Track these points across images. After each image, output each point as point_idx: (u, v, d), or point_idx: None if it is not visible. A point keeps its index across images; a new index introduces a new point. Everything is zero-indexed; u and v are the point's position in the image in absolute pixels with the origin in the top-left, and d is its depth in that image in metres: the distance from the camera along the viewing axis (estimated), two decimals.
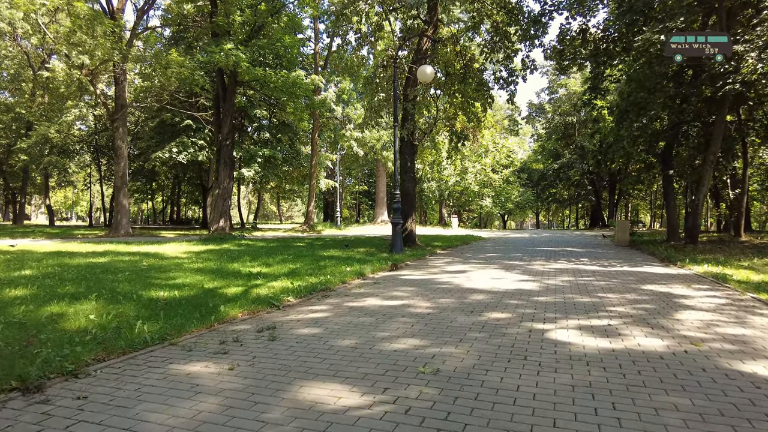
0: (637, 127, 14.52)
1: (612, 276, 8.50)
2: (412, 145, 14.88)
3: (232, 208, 46.94)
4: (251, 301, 5.93)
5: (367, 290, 7.05)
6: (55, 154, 35.91)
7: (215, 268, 9.53)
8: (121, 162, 23.98)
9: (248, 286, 7.21)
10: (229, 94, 19.01)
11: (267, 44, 17.22)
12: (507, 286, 7.23)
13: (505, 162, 46.05)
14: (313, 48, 30.59)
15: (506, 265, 10.21)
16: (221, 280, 7.86)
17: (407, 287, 7.25)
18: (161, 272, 8.79)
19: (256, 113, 28.62)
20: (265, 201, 78.20)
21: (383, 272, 9.29)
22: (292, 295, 6.38)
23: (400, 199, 15.65)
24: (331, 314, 5.36)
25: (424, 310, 5.46)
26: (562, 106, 43.90)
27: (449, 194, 46.57)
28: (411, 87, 14.94)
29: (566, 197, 51.84)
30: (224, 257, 11.66)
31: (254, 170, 28.66)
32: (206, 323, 4.86)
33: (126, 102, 24.11)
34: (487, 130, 23.50)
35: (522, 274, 8.78)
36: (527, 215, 70.98)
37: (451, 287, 7.18)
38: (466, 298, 6.23)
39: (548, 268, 9.82)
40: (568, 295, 6.45)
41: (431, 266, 10.25)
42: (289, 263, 10.27)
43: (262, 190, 38.61)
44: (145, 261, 10.72)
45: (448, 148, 22.61)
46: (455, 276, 8.51)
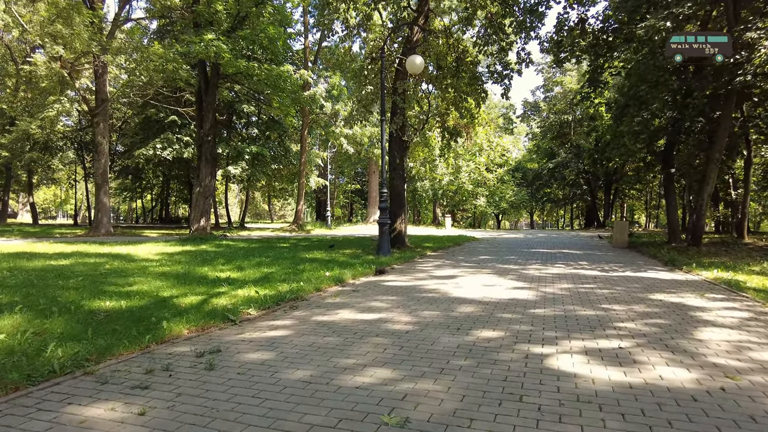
0: (638, 122, 13.81)
1: (615, 283, 7.75)
2: (402, 141, 14.10)
3: (220, 206, 46.09)
4: (205, 314, 5.14)
5: (343, 299, 6.26)
6: (37, 151, 34.88)
7: (182, 272, 8.72)
8: (101, 159, 23.04)
9: (209, 294, 6.42)
10: (211, 87, 18.14)
11: (249, 35, 16.35)
12: (500, 295, 6.47)
13: (500, 161, 45.36)
14: (302, 43, 29.75)
15: (499, 270, 9.45)
16: (182, 286, 7.06)
17: (388, 296, 6.47)
18: (120, 277, 7.98)
19: (244, 109, 27.71)
20: (257, 200, 77.28)
21: (366, 277, 8.51)
22: (254, 307, 5.59)
23: (389, 198, 14.92)
24: (293, 332, 4.57)
25: (402, 327, 4.68)
26: (557, 104, 43.22)
27: (443, 193, 45.82)
28: (401, 80, 14.15)
29: (561, 197, 51.23)
30: (197, 259, 10.85)
31: (241, 168, 27.79)
32: (140, 344, 4.06)
33: (107, 96, 23.17)
34: (481, 127, 22.77)
35: (516, 280, 8.02)
36: (522, 215, 70.51)
37: (438, 296, 6.41)
38: (453, 311, 5.45)
39: (545, 273, 9.07)
40: (569, 307, 5.69)
41: (419, 270, 9.47)
42: (265, 267, 9.47)
43: (251, 189, 37.66)
44: (110, 264, 9.89)
45: (440, 145, 21.91)
46: (443, 282, 7.74)
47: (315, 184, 33.21)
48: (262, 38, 16.64)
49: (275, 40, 17.02)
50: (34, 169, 37.15)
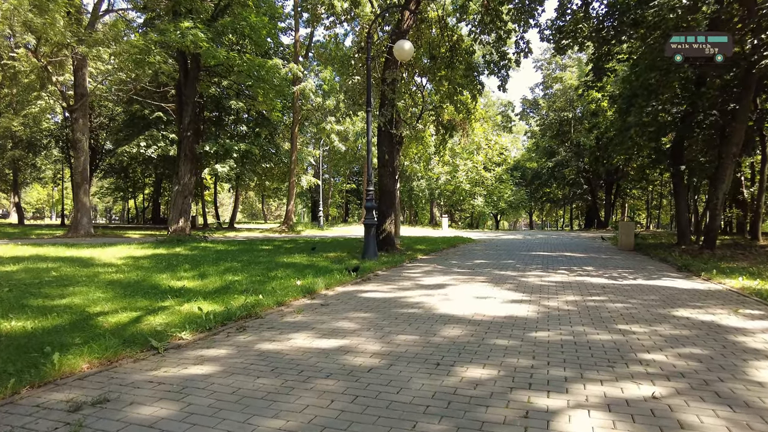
0: (647, 113, 12.76)
1: (628, 293, 6.70)
2: (391, 135, 13.04)
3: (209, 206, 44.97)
4: (124, 339, 4.08)
5: (306, 318, 5.21)
6: (20, 149, 33.79)
7: (135, 280, 7.67)
8: (81, 157, 21.96)
9: (149, 310, 5.38)
10: (190, 80, 17.06)
11: (230, 23, 15.28)
12: (494, 311, 5.41)
13: (498, 159, 44.28)
14: (293, 37, 28.68)
15: (496, 277, 8.39)
16: (123, 299, 6.02)
17: (361, 312, 5.41)
18: (59, 287, 6.92)
19: (232, 105, 26.61)
20: (252, 200, 76.21)
21: (343, 286, 7.45)
22: (191, 329, 4.54)
23: (379, 197, 13.88)
24: (221, 368, 3.51)
25: (366, 361, 3.63)
26: (557, 101, 42.19)
27: (440, 193, 44.76)
28: (390, 69, 13.09)
29: (560, 197, 50.20)
30: (161, 265, 9.79)
31: (229, 166, 26.70)
32: (2, 390, 3.00)
33: (86, 91, 22.08)
34: (478, 123, 21.73)
35: (514, 290, 6.96)
36: (520, 215, 69.54)
37: (421, 313, 5.36)
38: (435, 334, 4.40)
39: (547, 281, 8.02)
40: (578, 328, 4.64)
41: (405, 277, 8.42)
42: (231, 274, 8.42)
43: (241, 188, 36.57)
44: (61, 270, 8.83)
45: (435, 142, 20.88)
46: (430, 293, 6.68)
47: (307, 184, 32.13)
48: (243, 27, 15.56)
49: (258, 29, 15.93)
50: (19, 168, 36.04)
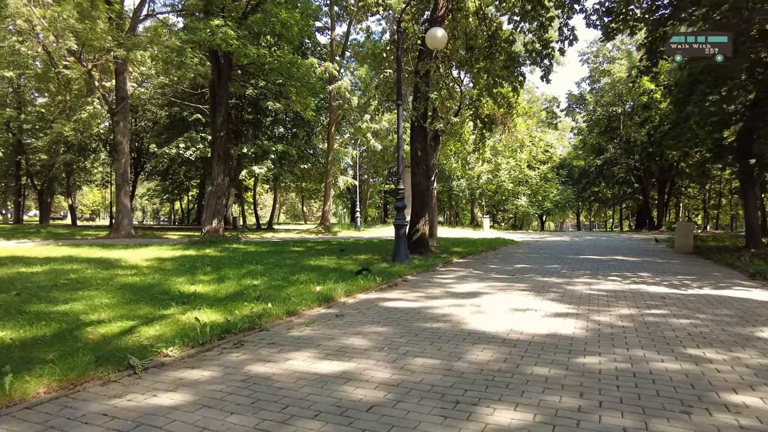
0: (712, 101, 11.44)
1: (694, 306, 5.73)
2: (425, 131, 12.31)
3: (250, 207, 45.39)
4: (97, 357, 3.57)
5: (315, 331, 4.58)
6: (72, 153, 35.06)
7: (151, 283, 7.30)
8: (121, 159, 22.33)
9: (147, 319, 4.92)
10: (223, 79, 16.89)
11: (260, 20, 14.97)
12: (534, 328, 4.61)
13: (543, 157, 42.49)
14: (329, 36, 28.36)
15: (538, 285, 7.52)
16: (126, 306, 5.61)
17: (378, 326, 4.74)
18: (68, 290, 6.62)
19: (269, 106, 26.52)
20: (294, 201, 76.92)
21: (365, 293, 6.80)
22: (181, 343, 4.00)
23: (412, 196, 13.19)
24: (195, 397, 2.92)
25: (369, 395, 2.95)
26: (605, 96, 40.09)
27: (481, 193, 43.45)
28: (424, 60, 12.37)
29: (609, 196, 47.80)
30: (184, 267, 9.46)
31: (266, 167, 26.60)
32: None
33: (127, 95, 22.44)
34: (521, 118, 20.60)
35: (559, 301, 6.11)
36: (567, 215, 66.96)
37: (446, 329, 4.63)
38: (459, 358, 3.67)
39: (596, 289, 7.09)
40: (637, 352, 3.79)
41: (435, 283, 7.68)
42: (251, 278, 7.93)
43: (279, 189, 36.66)
44: (83, 271, 8.62)
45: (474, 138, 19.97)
46: (461, 303, 5.93)
47: (344, 184, 31.75)
48: (274, 23, 15.22)
49: (289, 26, 15.56)
50: (71, 171, 37.46)
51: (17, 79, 35.50)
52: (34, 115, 35.85)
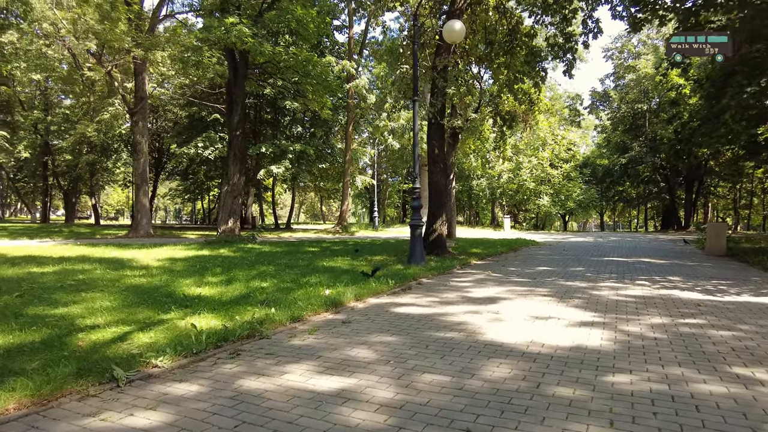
0: (750, 93, 10.76)
1: (734, 315, 5.23)
2: (442, 127, 11.92)
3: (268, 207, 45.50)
4: (78, 368, 3.31)
5: (318, 340, 4.27)
6: (95, 153, 35.59)
7: (156, 285, 7.10)
8: (140, 159, 22.46)
9: (143, 324, 4.68)
10: (239, 78, 16.76)
11: (275, 17, 14.77)
12: (557, 339, 4.22)
13: (566, 156, 41.50)
14: (347, 34, 28.12)
15: (561, 290, 7.07)
16: (126, 309, 5.40)
17: (387, 335, 4.40)
18: (72, 292, 6.45)
19: (287, 106, 26.39)
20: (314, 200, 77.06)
21: (376, 297, 6.46)
22: (174, 353, 3.73)
23: (429, 195, 12.82)
24: (174, 417, 2.63)
25: (368, 419, 2.61)
26: (630, 93, 39.01)
27: (502, 192, 42.70)
28: (441, 55, 11.98)
29: (634, 196, 46.52)
30: (195, 267, 9.27)
31: (284, 167, 26.48)
32: None
33: (146, 95, 22.58)
34: (542, 115, 19.98)
35: (584, 308, 5.67)
36: (590, 215, 65.64)
37: (460, 339, 4.26)
38: (473, 375, 3.31)
39: (623, 294, 6.62)
40: (673, 370, 3.37)
41: (451, 287, 7.30)
42: (260, 279, 7.68)
43: (297, 189, 36.61)
44: (93, 272, 8.50)
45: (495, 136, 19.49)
46: (478, 310, 5.55)
47: (362, 184, 31.50)
48: (289, 20, 15.00)
49: (305, 22, 15.32)
50: (94, 171, 38.04)
51: (45, 82, 36.21)
52: (59, 117, 36.50)
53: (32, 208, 53.38)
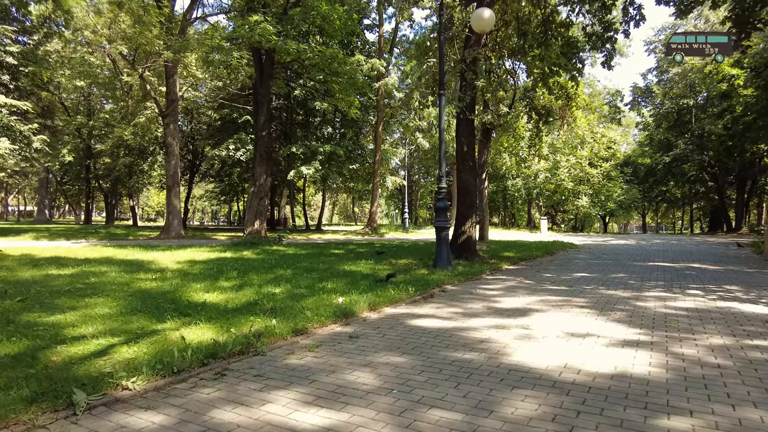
0: None
1: None
2: (471, 123, 11.25)
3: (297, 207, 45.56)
4: (34, 393, 2.90)
5: (317, 359, 3.76)
6: (132, 156, 36.41)
7: (165, 290, 6.78)
8: (171, 160, 22.64)
9: (133, 335, 4.31)
10: (265, 78, 16.53)
11: (300, 13, 14.44)
12: (595, 364, 3.56)
13: (605, 154, 39.78)
14: (377, 32, 27.69)
15: (601, 300, 6.34)
16: (123, 317, 5.07)
17: (396, 355, 3.85)
18: (76, 297, 6.20)
19: (317, 106, 26.18)
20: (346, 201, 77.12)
21: (393, 306, 5.92)
22: (152, 372, 3.30)
23: (457, 195, 12.18)
24: None
25: None
26: (674, 87, 37.04)
27: (538, 193, 41.34)
28: (471, 47, 11.33)
29: (679, 196, 44.21)
30: (211, 271, 8.96)
31: (314, 168, 26.27)
32: None
33: (177, 97, 22.77)
34: (580, 111, 18.95)
35: (627, 323, 4.96)
36: (632, 216, 63.00)
37: (480, 362, 3.66)
38: (491, 411, 2.72)
39: (673, 307, 5.84)
40: (748, 412, 2.68)
41: (478, 296, 6.67)
42: (274, 285, 7.26)
43: (328, 190, 36.44)
44: (107, 275, 8.30)
45: (530, 134, 18.64)
46: (505, 324, 4.92)
47: (392, 185, 30.98)
48: (314, 17, 14.65)
49: (330, 19, 14.93)
50: (131, 173, 38.96)
51: (88, 88, 37.38)
52: (101, 121, 37.58)
53: (78, 209, 55.42)
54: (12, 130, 22.65)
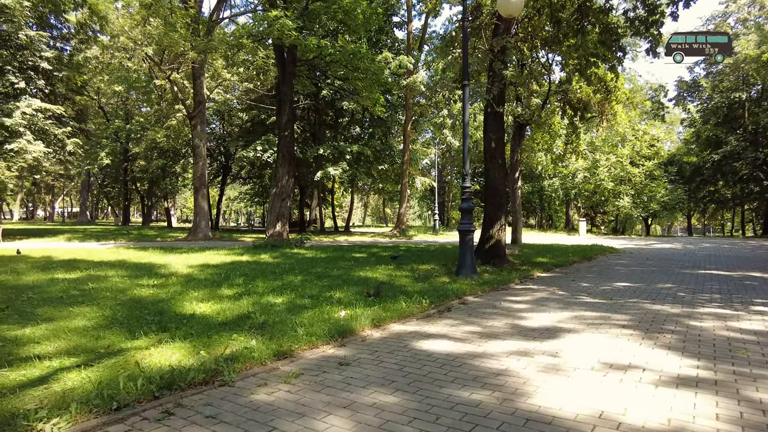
0: None
1: None
2: (500, 117, 10.39)
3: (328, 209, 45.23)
4: None
5: (289, 394, 3.08)
6: (165, 158, 36.92)
7: (159, 299, 6.30)
8: (199, 162, 22.57)
9: (96, 355, 3.77)
10: (287, 76, 16.05)
11: (320, 7, 13.88)
12: (639, 416, 2.74)
13: (648, 153, 37.70)
14: (406, 30, 26.99)
15: (645, 318, 5.42)
16: (98, 331, 4.61)
17: (386, 393, 3.13)
18: (62, 305, 5.78)
19: (344, 106, 25.68)
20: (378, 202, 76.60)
21: (402, 323, 5.19)
22: (81, 409, 2.70)
23: (485, 196, 11.34)
24: None
25: None
26: (724, 80, 34.77)
27: (576, 193, 39.60)
28: (500, 36, 10.48)
29: (729, 196, 41.52)
30: (219, 277, 8.45)
31: (342, 168, 25.77)
32: None
33: (204, 98, 22.70)
34: (621, 105, 17.65)
35: (679, 350, 4.07)
36: (676, 218, 59.95)
37: (491, 406, 2.90)
38: None
39: (737, 329, 4.87)
40: None
41: (501, 311, 5.86)
42: (278, 293, 6.67)
43: (357, 191, 35.93)
44: (109, 280, 7.92)
45: (567, 130, 17.54)
46: (529, 349, 4.12)
47: (421, 186, 30.15)
48: (335, 11, 14.06)
49: (353, 13, 14.31)
50: (165, 175, 39.57)
51: (126, 93, 38.15)
52: (137, 125, 38.31)
53: (118, 211, 56.96)
54: (47, 134, 23.06)
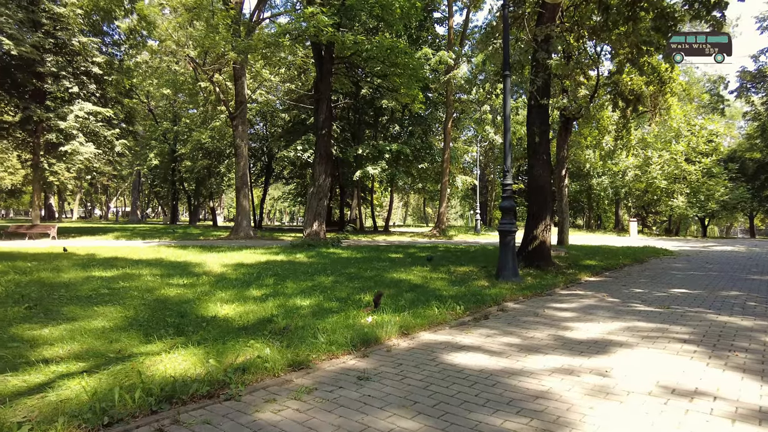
0: None
1: None
2: (545, 110, 9.77)
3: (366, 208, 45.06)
4: None
5: (297, 413, 2.75)
6: (209, 158, 37.81)
7: (185, 300, 6.17)
8: (240, 162, 22.86)
9: (103, 360, 3.58)
10: (325, 74, 15.88)
11: (358, 2, 13.57)
12: None
13: (705, 149, 35.43)
14: (447, 25, 26.40)
15: (709, 330, 4.78)
16: (115, 333, 4.48)
17: (405, 418, 2.74)
18: (88, 305, 5.73)
19: (384, 104, 25.37)
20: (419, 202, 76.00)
21: (432, 331, 4.78)
22: (72, 424, 2.47)
23: (529, 194, 10.73)
24: None
25: None
26: None
27: (627, 192, 37.75)
28: (544, 24, 9.86)
29: None
30: (250, 277, 8.30)
31: (381, 167, 25.47)
32: None
33: (245, 99, 22.96)
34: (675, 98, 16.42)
35: (758, 374, 3.48)
36: (736, 219, 56.29)
37: None
38: None
39: None
40: None
41: (543, 319, 5.35)
42: (307, 295, 6.43)
43: (397, 190, 35.58)
44: (140, 279, 7.89)
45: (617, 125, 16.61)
46: (574, 366, 3.63)
47: (462, 184, 29.45)
48: (372, 5, 13.74)
49: (390, 8, 13.94)
50: (210, 175, 40.52)
51: (174, 95, 39.35)
52: (184, 126, 39.46)
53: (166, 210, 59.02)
54: (98, 136, 23.98)
